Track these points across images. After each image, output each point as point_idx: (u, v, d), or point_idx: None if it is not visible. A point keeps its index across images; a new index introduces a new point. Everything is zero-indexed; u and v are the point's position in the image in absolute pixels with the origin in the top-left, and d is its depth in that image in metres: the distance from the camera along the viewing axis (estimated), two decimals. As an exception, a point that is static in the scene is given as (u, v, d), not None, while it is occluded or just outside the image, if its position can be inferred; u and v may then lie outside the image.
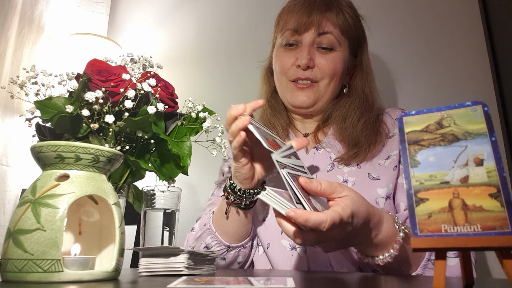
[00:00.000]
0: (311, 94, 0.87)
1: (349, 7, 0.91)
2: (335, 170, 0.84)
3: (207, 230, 0.81)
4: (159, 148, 0.76)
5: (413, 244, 0.33)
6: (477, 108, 0.36)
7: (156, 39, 1.71)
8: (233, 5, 1.65)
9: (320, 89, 0.88)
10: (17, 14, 1.40)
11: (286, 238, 0.80)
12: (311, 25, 0.86)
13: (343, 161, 0.84)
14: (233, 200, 0.74)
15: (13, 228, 0.46)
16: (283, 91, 0.92)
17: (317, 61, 0.87)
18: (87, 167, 0.51)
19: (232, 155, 0.69)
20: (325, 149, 0.88)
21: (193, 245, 0.83)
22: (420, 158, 0.36)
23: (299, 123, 0.97)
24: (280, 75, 0.91)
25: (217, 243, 0.80)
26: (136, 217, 0.98)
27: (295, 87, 0.88)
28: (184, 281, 0.44)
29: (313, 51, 0.87)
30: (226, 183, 0.75)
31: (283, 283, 0.42)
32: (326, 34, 0.86)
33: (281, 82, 0.91)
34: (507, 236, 0.30)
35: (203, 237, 0.82)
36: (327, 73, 0.87)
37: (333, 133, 0.90)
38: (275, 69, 0.93)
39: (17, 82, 0.71)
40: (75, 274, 0.46)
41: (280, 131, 0.92)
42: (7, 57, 1.35)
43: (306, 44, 0.87)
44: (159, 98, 0.73)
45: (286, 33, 0.89)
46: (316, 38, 0.87)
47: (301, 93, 0.88)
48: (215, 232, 0.80)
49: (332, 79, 0.88)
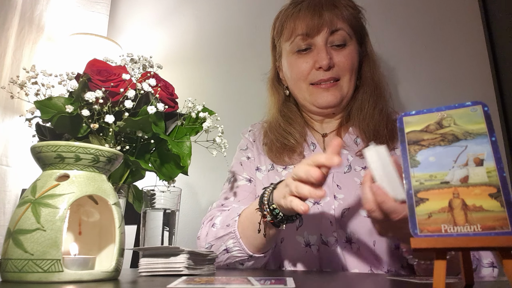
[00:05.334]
0: (337, 92, 0.89)
1: (349, 0, 0.93)
2: (351, 172, 0.85)
3: (230, 233, 0.77)
4: (159, 148, 0.76)
5: (413, 244, 0.33)
6: (477, 108, 0.36)
7: (156, 39, 1.71)
8: (233, 5, 1.65)
9: (343, 87, 0.89)
10: (17, 14, 1.39)
11: (301, 235, 0.80)
12: (323, 25, 0.87)
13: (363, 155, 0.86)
14: (269, 220, 0.68)
15: (13, 228, 0.46)
16: (304, 96, 0.92)
17: (335, 59, 0.88)
18: (87, 167, 0.51)
19: (294, 204, 0.59)
20: (344, 149, 0.89)
21: (213, 243, 0.79)
22: (420, 158, 0.36)
23: (317, 123, 0.97)
24: (298, 81, 0.91)
25: (239, 250, 0.76)
26: (136, 217, 0.98)
27: (319, 89, 0.89)
28: (184, 281, 0.44)
29: (329, 50, 0.88)
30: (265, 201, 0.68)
31: (283, 283, 0.42)
32: (338, 31, 0.88)
33: (301, 88, 0.92)
34: (507, 236, 0.30)
35: (224, 239, 0.77)
36: (346, 69, 0.88)
37: (353, 129, 0.92)
38: (291, 77, 0.93)
39: (17, 82, 0.70)
40: (75, 274, 0.46)
41: (298, 136, 0.92)
42: (7, 57, 1.35)
43: (321, 45, 0.88)
44: (159, 98, 0.73)
45: (297, 39, 0.89)
46: (329, 37, 0.88)
47: (327, 93, 0.88)
48: (239, 238, 0.75)
49: (352, 74, 0.90)
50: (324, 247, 0.78)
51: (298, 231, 0.80)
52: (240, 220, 0.77)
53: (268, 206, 0.67)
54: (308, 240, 0.79)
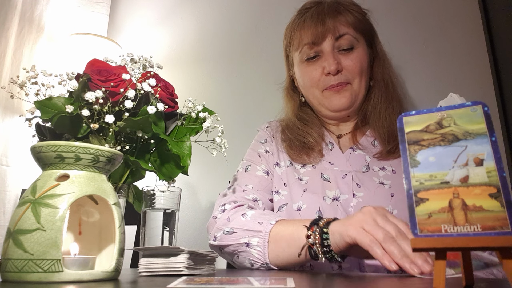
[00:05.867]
0: (348, 94, 0.91)
1: (354, 5, 0.95)
2: (370, 172, 0.87)
3: (259, 232, 0.74)
4: (159, 148, 0.76)
5: (413, 244, 0.33)
6: (477, 108, 0.36)
7: (156, 39, 1.71)
8: (233, 5, 1.65)
9: (355, 89, 0.91)
10: (17, 14, 1.39)
11: None
12: (327, 32, 0.89)
13: (381, 157, 0.87)
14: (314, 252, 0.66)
15: (13, 228, 0.46)
16: (319, 102, 0.94)
17: (343, 63, 0.90)
18: (87, 167, 0.51)
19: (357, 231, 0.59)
20: (361, 150, 0.91)
21: (236, 231, 0.76)
22: (420, 158, 0.36)
23: (333, 126, 1.00)
24: (311, 88, 0.94)
25: (259, 253, 0.73)
26: (136, 217, 0.98)
27: (330, 92, 0.91)
28: (184, 281, 0.44)
29: (336, 55, 0.90)
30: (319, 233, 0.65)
31: (283, 283, 0.42)
32: (343, 35, 0.90)
33: (314, 95, 0.94)
34: (507, 236, 0.30)
35: (250, 234, 0.75)
36: (355, 72, 0.90)
37: (370, 131, 0.95)
38: (304, 85, 0.96)
39: (17, 82, 0.70)
40: (75, 274, 0.46)
41: (316, 136, 0.94)
42: (7, 57, 1.35)
43: (328, 51, 0.90)
44: (159, 98, 0.73)
45: (305, 48, 0.92)
46: (335, 43, 0.90)
47: (338, 96, 0.91)
48: (266, 242, 0.73)
49: (362, 76, 0.91)
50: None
51: None
52: (276, 227, 0.74)
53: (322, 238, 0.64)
54: None
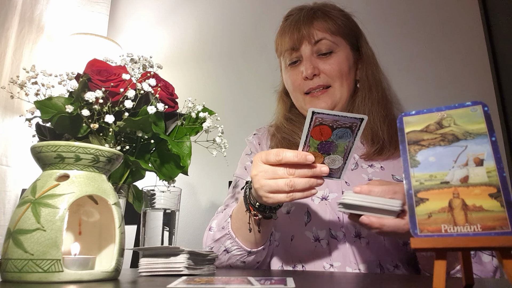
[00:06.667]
0: (327, 99, 0.91)
1: (334, 9, 0.96)
2: (359, 169, 0.88)
3: (226, 235, 0.80)
4: (159, 148, 0.76)
5: (413, 244, 0.33)
6: (477, 108, 0.36)
7: (156, 39, 1.71)
8: (233, 5, 1.65)
9: (336, 93, 0.92)
10: (17, 14, 1.40)
11: (310, 230, 0.82)
12: (303, 38, 0.91)
13: (368, 158, 0.88)
14: (254, 214, 0.72)
15: (13, 228, 0.46)
16: (302, 106, 0.96)
17: (321, 67, 0.91)
18: (87, 167, 0.51)
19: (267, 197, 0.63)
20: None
21: (212, 246, 0.83)
22: (420, 158, 0.36)
23: None
24: (294, 92, 0.96)
25: (237, 248, 0.79)
26: (136, 217, 0.98)
27: (311, 98, 0.93)
28: (184, 281, 0.44)
29: (314, 60, 0.92)
30: (246, 197, 0.72)
31: (283, 283, 0.42)
32: (321, 40, 0.91)
33: (297, 98, 0.96)
34: (507, 236, 0.30)
35: (222, 241, 0.81)
36: (334, 75, 0.91)
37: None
38: (289, 89, 0.99)
39: (17, 82, 0.70)
40: (75, 274, 0.46)
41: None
42: (7, 57, 1.35)
43: (306, 55, 0.92)
44: (159, 98, 0.73)
45: (286, 54, 0.95)
46: (313, 48, 0.91)
47: (318, 101, 0.92)
48: (235, 238, 0.79)
49: (343, 79, 0.92)
50: (333, 241, 0.80)
51: (307, 227, 0.82)
52: (232, 221, 0.80)
53: (253, 205, 0.70)
54: (317, 235, 0.81)
